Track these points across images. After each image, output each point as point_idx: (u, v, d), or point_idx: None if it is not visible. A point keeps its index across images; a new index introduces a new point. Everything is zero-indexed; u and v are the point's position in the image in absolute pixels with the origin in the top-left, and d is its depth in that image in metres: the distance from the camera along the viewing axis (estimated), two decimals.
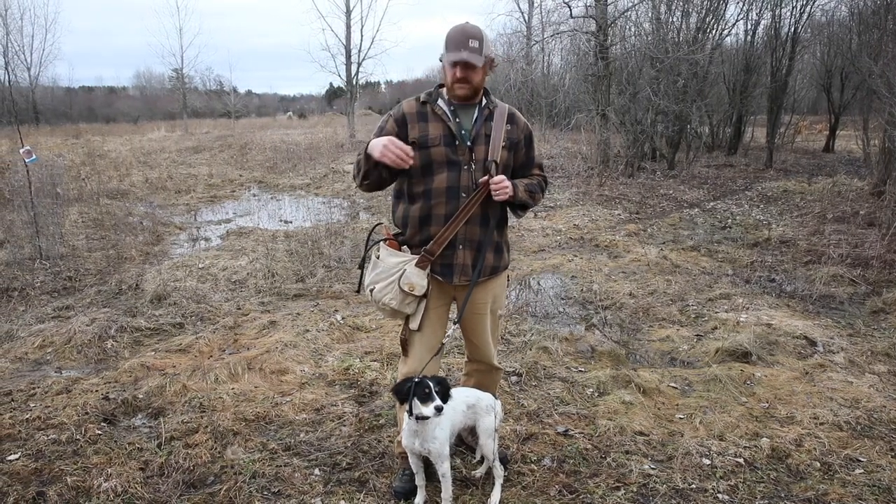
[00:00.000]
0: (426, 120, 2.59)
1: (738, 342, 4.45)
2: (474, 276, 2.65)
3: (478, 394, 2.72)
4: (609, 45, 13.88)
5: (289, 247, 7.48)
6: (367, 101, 53.73)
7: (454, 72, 2.51)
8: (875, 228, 7.89)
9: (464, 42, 2.47)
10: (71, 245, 7.71)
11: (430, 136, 2.57)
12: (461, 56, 2.46)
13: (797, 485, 2.88)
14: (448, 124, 2.57)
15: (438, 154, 2.56)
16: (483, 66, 2.53)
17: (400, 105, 2.67)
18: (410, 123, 2.59)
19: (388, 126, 2.61)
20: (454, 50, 2.48)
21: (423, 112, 2.61)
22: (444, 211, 2.57)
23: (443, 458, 2.55)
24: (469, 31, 2.49)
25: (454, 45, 2.48)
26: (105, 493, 2.80)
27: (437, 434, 2.50)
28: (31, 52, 33.03)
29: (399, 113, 2.62)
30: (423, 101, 2.63)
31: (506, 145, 2.64)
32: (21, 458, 3.10)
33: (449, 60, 2.51)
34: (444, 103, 2.61)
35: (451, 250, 2.61)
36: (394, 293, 2.57)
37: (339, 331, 4.81)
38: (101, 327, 4.86)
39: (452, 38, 2.50)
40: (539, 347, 4.41)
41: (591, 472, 2.95)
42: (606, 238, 8.11)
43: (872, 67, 10.37)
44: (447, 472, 2.57)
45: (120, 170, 15.51)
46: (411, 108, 2.62)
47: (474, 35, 2.49)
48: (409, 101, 2.66)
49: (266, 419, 3.52)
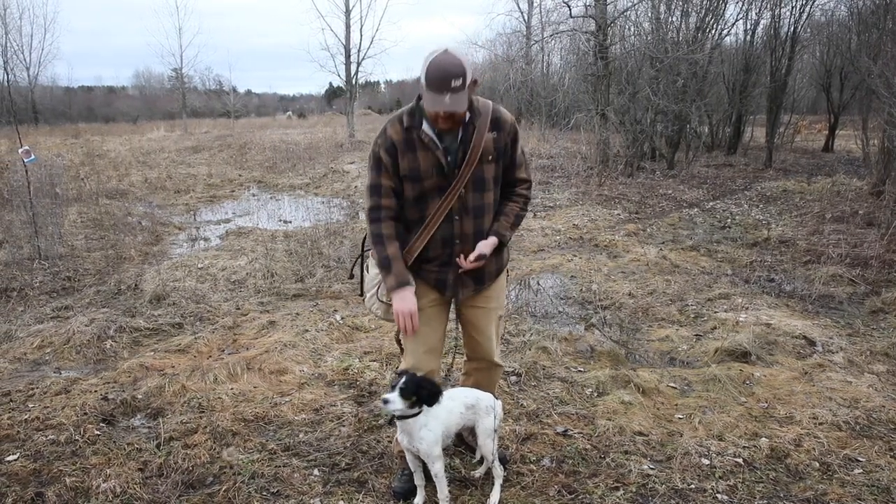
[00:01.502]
0: (414, 149, 2.48)
1: (738, 342, 4.45)
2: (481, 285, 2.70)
3: (478, 394, 2.71)
4: (608, 44, 13.88)
5: (288, 247, 7.47)
6: (366, 100, 53.75)
7: (436, 112, 2.37)
8: (874, 228, 7.89)
9: (445, 84, 2.26)
10: (70, 245, 7.71)
11: (421, 168, 2.48)
12: (443, 104, 2.30)
13: (796, 485, 2.88)
14: (437, 154, 2.47)
15: (431, 185, 2.50)
16: (468, 98, 2.38)
17: (385, 132, 2.51)
18: (400, 153, 2.48)
19: (383, 159, 2.50)
20: (435, 92, 2.29)
21: (409, 139, 2.47)
22: (441, 235, 2.57)
23: (433, 459, 2.53)
24: (449, 69, 2.26)
25: (435, 87, 2.28)
26: (104, 494, 2.80)
27: (424, 435, 2.49)
28: (30, 51, 33.08)
29: (388, 143, 2.49)
30: (407, 126, 2.47)
31: (493, 157, 2.55)
32: (19, 459, 3.09)
33: (429, 107, 2.36)
34: (429, 128, 2.47)
35: (448, 266, 2.62)
36: (378, 303, 2.69)
37: (338, 331, 4.81)
38: (100, 327, 4.86)
39: (432, 78, 2.27)
40: (538, 347, 4.40)
41: (591, 473, 2.95)
42: (606, 238, 8.11)
43: (872, 67, 10.37)
44: (440, 473, 2.56)
45: (119, 170, 15.51)
46: (398, 136, 2.49)
47: (456, 73, 2.26)
48: (394, 125, 2.51)
49: (265, 419, 3.51)
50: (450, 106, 2.31)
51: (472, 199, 2.55)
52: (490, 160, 2.54)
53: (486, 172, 2.55)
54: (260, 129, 32.95)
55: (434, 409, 2.50)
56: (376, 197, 2.54)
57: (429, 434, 2.49)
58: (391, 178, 2.52)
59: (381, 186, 2.53)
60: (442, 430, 2.54)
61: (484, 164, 2.52)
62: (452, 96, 2.29)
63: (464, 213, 2.55)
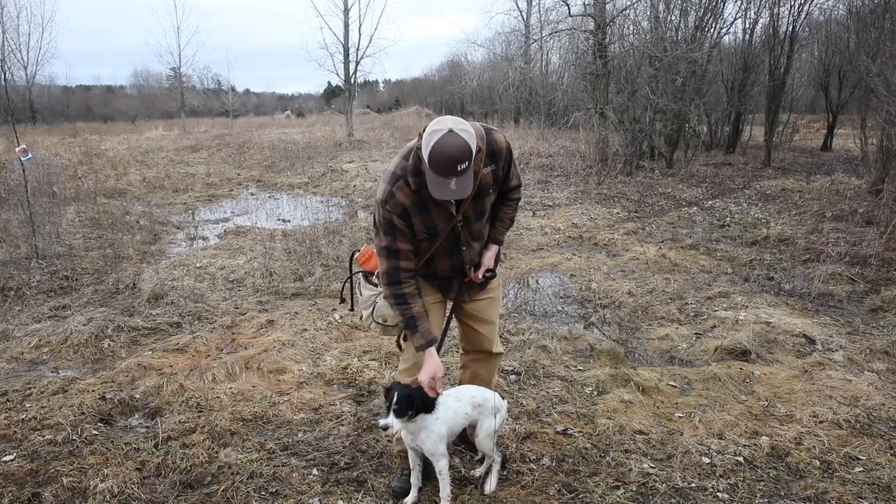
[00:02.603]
0: (427, 210, 2.40)
1: (737, 340, 4.44)
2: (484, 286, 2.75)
3: (486, 394, 2.71)
4: (607, 43, 13.87)
5: (287, 246, 7.45)
6: (365, 99, 53.66)
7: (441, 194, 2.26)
8: (873, 227, 7.88)
9: (451, 170, 2.15)
10: (68, 244, 7.68)
11: (438, 226, 2.45)
12: (449, 191, 2.21)
13: (797, 483, 2.87)
14: (450, 210, 2.44)
15: (444, 234, 2.50)
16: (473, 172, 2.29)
17: (393, 197, 2.37)
18: (413, 216, 2.40)
19: (397, 224, 2.39)
20: (440, 176, 2.17)
21: (420, 201, 2.37)
22: (450, 265, 2.62)
23: (437, 457, 2.54)
24: (455, 154, 2.12)
25: (440, 172, 2.16)
26: (101, 494, 2.79)
27: (425, 437, 2.51)
28: (28, 50, 32.97)
29: (399, 209, 2.37)
30: (416, 189, 2.35)
31: (493, 190, 2.53)
32: (16, 459, 3.08)
33: (435, 193, 2.24)
34: None
35: (450, 280, 2.68)
36: (373, 323, 2.76)
37: (337, 330, 4.80)
38: (97, 327, 4.84)
39: (436, 164, 2.15)
40: (538, 346, 4.39)
41: (591, 471, 2.94)
42: (605, 237, 8.10)
43: (870, 66, 10.36)
44: (444, 470, 2.56)
45: (117, 169, 15.47)
46: (408, 199, 2.37)
47: (462, 158, 2.13)
48: (401, 189, 2.36)
49: (264, 419, 3.50)
50: (456, 193, 2.22)
51: (475, 227, 2.58)
52: (490, 193, 2.54)
53: (486, 204, 2.57)
54: (259, 128, 32.90)
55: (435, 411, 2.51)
56: (395, 260, 2.45)
57: (430, 435, 2.51)
58: (408, 240, 2.44)
59: (399, 251, 2.44)
60: (445, 429, 2.54)
61: (485, 197, 2.53)
62: (458, 180, 2.19)
63: (470, 242, 2.59)
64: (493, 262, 2.68)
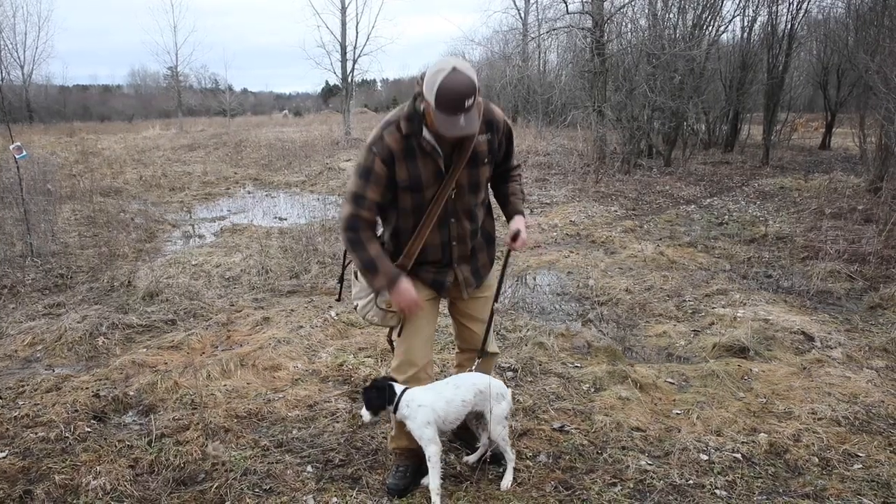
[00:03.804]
0: (414, 157, 2.37)
1: (736, 337, 4.42)
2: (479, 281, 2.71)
3: (489, 380, 2.69)
4: (605, 41, 13.85)
5: (283, 243, 7.42)
6: (362, 98, 53.62)
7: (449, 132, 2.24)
8: (872, 225, 7.87)
9: (459, 106, 2.16)
10: (63, 242, 7.64)
11: (422, 177, 2.40)
12: (458, 127, 2.20)
13: (795, 480, 2.85)
14: (438, 161, 2.40)
15: (430, 192, 2.44)
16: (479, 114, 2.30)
17: (383, 140, 2.37)
18: (398, 162, 2.37)
19: (376, 169, 2.37)
20: (448, 115, 2.17)
21: (409, 147, 2.36)
22: (439, 240, 2.55)
23: (424, 442, 2.56)
24: (462, 90, 2.14)
25: (449, 110, 2.17)
26: (94, 492, 2.75)
27: (409, 423, 2.56)
28: (24, 49, 32.91)
29: (385, 152, 2.36)
30: (406, 134, 2.36)
31: (488, 160, 2.51)
32: (8, 457, 3.04)
33: (444, 130, 2.23)
34: (430, 134, 2.36)
35: (448, 269, 2.62)
36: (374, 310, 2.63)
37: (332, 327, 4.77)
38: (92, 324, 4.81)
39: (445, 100, 2.15)
40: (535, 343, 4.37)
41: (588, 468, 2.91)
42: (603, 234, 8.08)
43: (869, 64, 10.35)
44: (433, 457, 2.56)
45: (114, 167, 15.43)
46: (397, 144, 2.36)
47: (469, 93, 2.15)
48: (392, 134, 2.37)
49: (258, 416, 3.47)
50: (465, 128, 2.21)
51: (468, 201, 2.52)
52: (485, 162, 2.50)
53: (481, 175, 2.52)
54: (256, 127, 32.85)
55: (417, 399, 2.54)
56: (357, 207, 2.41)
57: (415, 420, 2.55)
58: (378, 191, 2.40)
59: (364, 199, 2.40)
60: (433, 416, 2.55)
61: (480, 166, 2.49)
62: (467, 116, 2.19)
63: (460, 216, 2.53)
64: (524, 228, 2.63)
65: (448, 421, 2.62)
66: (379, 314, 2.63)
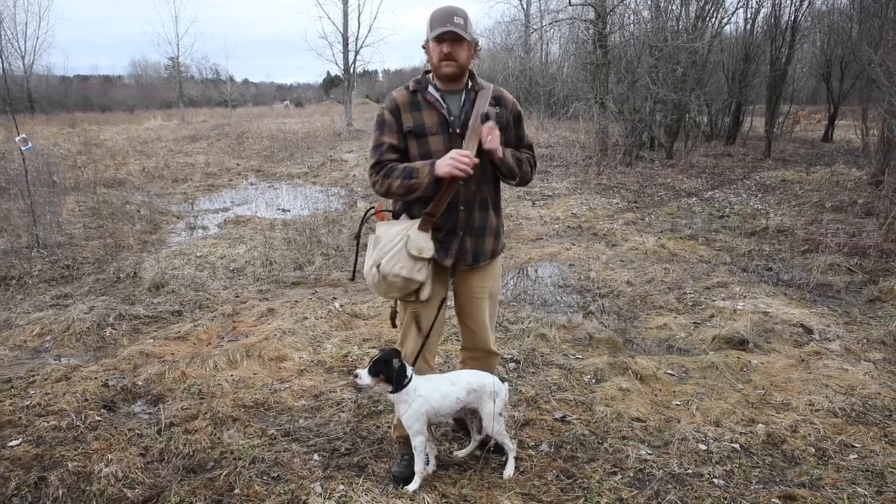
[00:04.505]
0: (419, 108, 2.60)
1: (735, 330, 4.47)
2: (478, 261, 2.71)
3: (483, 378, 2.75)
4: (608, 33, 13.81)
5: (287, 235, 7.47)
6: (364, 89, 53.46)
7: (440, 49, 2.50)
8: (873, 218, 7.90)
9: (449, 18, 2.48)
10: (68, 234, 7.70)
11: (425, 124, 2.58)
12: (446, 28, 2.46)
13: (792, 470, 2.91)
14: (441, 111, 2.59)
15: (436, 142, 2.57)
16: (468, 45, 2.54)
17: (391, 95, 2.66)
18: (404, 113, 2.59)
19: (387, 118, 2.61)
20: (439, 25, 2.48)
21: (414, 101, 2.61)
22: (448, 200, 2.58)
23: (412, 433, 2.66)
24: (454, 9, 2.51)
25: (439, 22, 2.48)
26: (106, 479, 2.82)
27: (402, 408, 2.64)
28: (25, 39, 32.84)
29: (392, 104, 2.62)
30: (412, 89, 2.62)
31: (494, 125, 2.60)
32: (22, 444, 3.11)
33: (434, 36, 2.50)
34: (434, 89, 2.61)
35: (452, 236, 2.64)
36: (403, 260, 2.50)
37: (337, 318, 4.82)
38: (99, 315, 4.87)
39: (437, 16, 2.50)
40: (537, 335, 4.42)
41: (589, 458, 2.97)
42: (604, 227, 8.12)
43: (873, 57, 10.32)
44: (418, 447, 2.67)
45: (116, 159, 15.45)
46: (403, 98, 2.62)
47: (459, 13, 2.50)
48: (399, 91, 2.66)
49: (265, 405, 3.53)
50: (452, 27, 2.44)
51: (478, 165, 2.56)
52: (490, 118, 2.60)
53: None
54: (257, 118, 32.81)
55: (420, 389, 2.60)
56: (378, 154, 2.60)
57: (408, 408, 2.61)
58: (394, 135, 2.59)
59: (383, 144, 2.60)
60: (426, 408, 2.63)
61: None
62: (455, 26, 2.46)
63: (469, 179, 2.54)
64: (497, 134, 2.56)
65: (440, 414, 2.71)
66: (408, 264, 2.51)
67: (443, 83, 2.61)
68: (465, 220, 2.64)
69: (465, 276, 2.77)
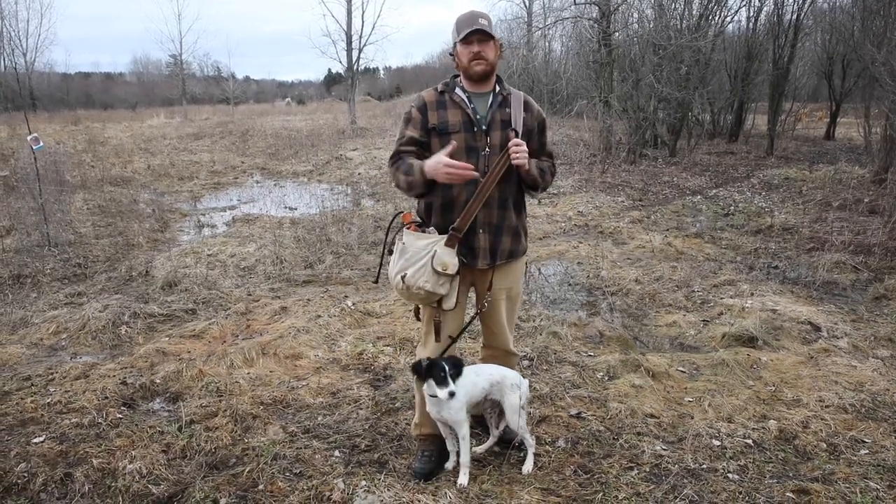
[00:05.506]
0: (445, 108, 2.69)
1: (744, 327, 4.52)
2: (495, 260, 2.74)
3: (504, 372, 2.82)
4: (612, 31, 13.83)
5: (296, 233, 7.52)
6: (365, 87, 53.43)
7: (469, 49, 2.60)
8: (877, 216, 7.95)
9: (474, 20, 2.60)
10: (78, 232, 7.74)
11: (449, 122, 2.66)
12: (474, 27, 2.57)
13: (805, 465, 2.96)
14: (466, 111, 2.66)
15: (458, 140, 2.62)
16: (495, 44, 2.65)
17: (420, 95, 2.78)
18: (430, 111, 2.69)
19: (413, 115, 2.71)
20: (466, 27, 2.59)
21: (441, 101, 2.71)
22: (465, 197, 2.63)
23: (459, 424, 2.71)
24: (478, 12, 2.64)
25: (466, 24, 2.60)
26: (130, 475, 2.86)
27: (452, 404, 2.65)
28: (27, 37, 32.84)
29: (420, 102, 2.73)
30: (441, 90, 2.73)
31: (522, 131, 2.68)
32: (46, 441, 3.16)
33: (462, 37, 2.60)
34: (461, 91, 2.70)
35: (473, 234, 2.68)
36: (427, 275, 2.57)
37: (350, 316, 4.87)
38: (114, 313, 4.92)
39: (462, 20, 2.63)
40: (549, 332, 4.47)
41: (605, 453, 3.02)
42: (611, 225, 8.16)
43: (875, 55, 10.35)
44: (466, 436, 2.72)
45: (122, 157, 15.48)
46: (431, 97, 2.73)
47: (483, 15, 2.63)
48: (428, 91, 2.78)
49: (283, 403, 3.58)
50: (479, 25, 2.56)
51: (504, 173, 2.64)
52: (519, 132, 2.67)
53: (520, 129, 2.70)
54: (260, 115, 32.84)
55: (459, 381, 2.64)
56: (398, 145, 2.72)
57: (455, 403, 2.64)
58: (417, 130, 2.69)
59: (404, 136, 2.71)
60: (466, 399, 2.69)
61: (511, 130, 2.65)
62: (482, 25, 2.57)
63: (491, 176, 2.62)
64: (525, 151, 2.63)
65: (470, 404, 2.77)
66: (432, 279, 2.58)
67: (471, 84, 2.69)
68: (483, 217, 2.68)
69: (484, 275, 2.79)
